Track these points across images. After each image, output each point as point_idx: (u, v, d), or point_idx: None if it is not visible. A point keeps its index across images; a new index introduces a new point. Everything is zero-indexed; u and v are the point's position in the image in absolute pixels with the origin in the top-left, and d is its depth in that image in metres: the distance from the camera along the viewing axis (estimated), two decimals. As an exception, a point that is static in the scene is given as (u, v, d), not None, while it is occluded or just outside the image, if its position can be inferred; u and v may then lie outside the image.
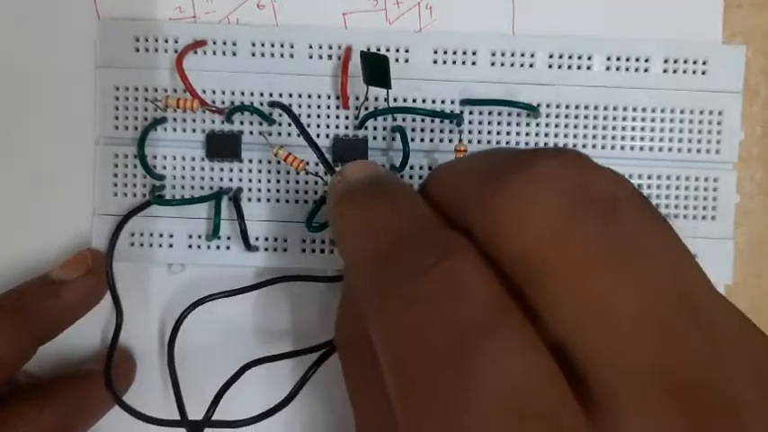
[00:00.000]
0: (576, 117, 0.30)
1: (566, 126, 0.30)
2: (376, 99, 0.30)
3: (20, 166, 0.31)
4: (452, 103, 0.30)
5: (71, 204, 0.31)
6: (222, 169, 0.30)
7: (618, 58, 0.30)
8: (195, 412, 0.29)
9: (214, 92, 0.30)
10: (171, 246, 0.30)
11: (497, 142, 0.30)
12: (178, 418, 0.29)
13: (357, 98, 0.30)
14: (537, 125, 0.30)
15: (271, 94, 0.30)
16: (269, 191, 0.30)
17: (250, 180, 0.30)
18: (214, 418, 0.29)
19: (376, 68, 0.27)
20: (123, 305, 0.30)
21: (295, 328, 0.31)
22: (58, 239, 0.31)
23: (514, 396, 0.14)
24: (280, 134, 0.30)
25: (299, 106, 0.30)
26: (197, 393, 0.29)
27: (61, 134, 0.31)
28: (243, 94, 0.30)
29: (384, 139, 0.30)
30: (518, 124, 0.30)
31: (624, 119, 0.30)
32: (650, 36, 0.31)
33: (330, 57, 0.30)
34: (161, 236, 0.30)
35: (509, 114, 0.30)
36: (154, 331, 0.31)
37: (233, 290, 0.30)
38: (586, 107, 0.30)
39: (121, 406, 0.29)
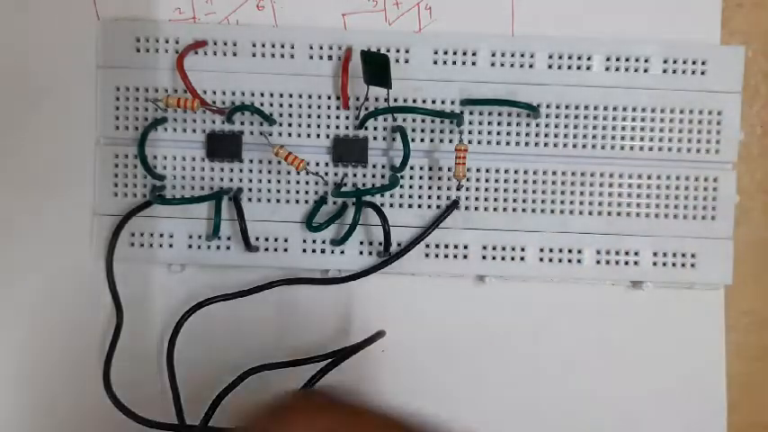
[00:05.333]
0: (576, 117, 0.30)
1: (565, 126, 0.30)
2: (376, 99, 0.30)
3: (20, 165, 0.31)
4: (452, 103, 0.30)
5: (71, 204, 0.31)
6: (222, 169, 0.30)
7: (617, 59, 0.30)
8: (194, 414, 0.29)
9: (215, 92, 0.30)
10: (171, 246, 0.30)
11: (497, 142, 0.30)
12: (176, 421, 0.29)
13: (357, 98, 0.30)
14: (537, 125, 0.30)
15: (271, 94, 0.30)
16: (269, 191, 0.30)
17: (250, 180, 0.30)
18: (210, 424, 0.28)
19: (376, 68, 0.27)
20: (123, 305, 0.30)
21: (294, 330, 0.31)
22: (58, 239, 0.31)
23: None
24: (280, 134, 0.30)
25: (300, 106, 0.30)
26: (196, 396, 0.29)
27: (61, 134, 0.31)
28: (243, 94, 0.30)
29: (384, 139, 0.30)
30: (518, 124, 0.30)
31: (624, 119, 0.30)
32: (650, 36, 0.31)
33: (330, 57, 0.30)
34: (161, 236, 0.30)
35: (509, 114, 0.30)
36: (154, 331, 0.31)
37: (232, 293, 0.30)
38: (586, 107, 0.30)
39: (119, 408, 0.29)
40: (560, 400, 0.31)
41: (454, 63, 0.30)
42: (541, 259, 0.30)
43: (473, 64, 0.30)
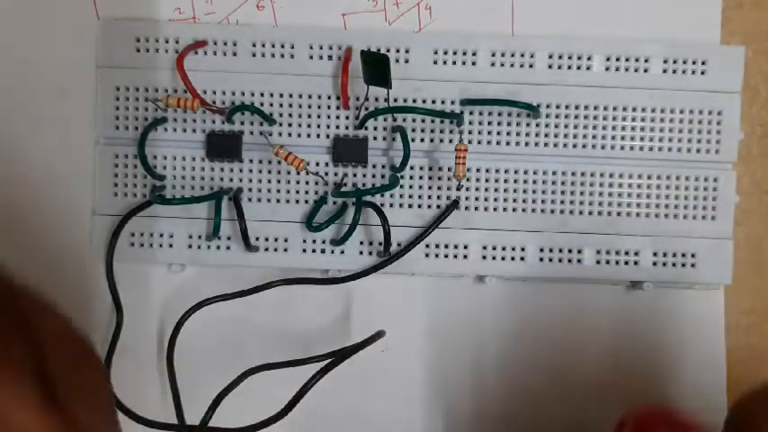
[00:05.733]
0: (576, 117, 0.30)
1: (566, 126, 0.30)
2: (376, 99, 0.30)
3: (20, 165, 0.31)
4: (452, 103, 0.30)
5: (71, 204, 0.31)
6: (222, 169, 0.30)
7: (617, 59, 0.30)
8: (194, 414, 0.29)
9: (215, 92, 0.30)
10: (171, 246, 0.30)
11: (497, 143, 0.30)
12: (176, 421, 0.29)
13: (357, 98, 0.30)
14: (537, 125, 0.30)
15: (271, 94, 0.30)
16: (269, 191, 0.30)
17: (250, 180, 0.30)
18: (211, 424, 0.28)
19: (376, 68, 0.27)
20: (123, 305, 0.30)
21: (294, 330, 0.31)
22: (58, 239, 0.31)
23: None
24: (280, 134, 0.30)
25: (300, 106, 0.30)
26: (196, 396, 0.29)
27: (61, 134, 0.31)
28: (243, 94, 0.30)
29: (384, 139, 0.30)
30: (518, 124, 0.30)
31: (624, 119, 0.30)
32: (650, 36, 0.31)
33: (330, 57, 0.30)
34: (161, 236, 0.30)
35: (509, 114, 0.30)
36: (154, 331, 0.31)
37: (232, 293, 0.30)
38: (586, 107, 0.30)
39: (119, 408, 0.29)
40: (560, 399, 0.31)
41: (454, 63, 0.30)
42: (541, 259, 0.30)
43: (473, 64, 0.30)
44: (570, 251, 0.30)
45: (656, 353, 0.31)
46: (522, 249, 0.30)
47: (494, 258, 0.30)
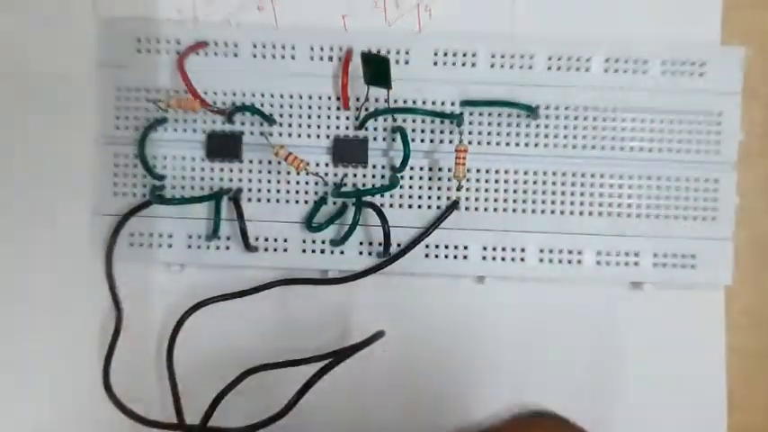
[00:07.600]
0: (576, 118, 0.30)
1: (565, 127, 0.30)
2: (376, 100, 0.30)
3: (20, 165, 0.31)
4: (452, 103, 0.30)
5: (71, 204, 0.31)
6: (222, 169, 0.30)
7: (617, 60, 0.30)
8: (194, 414, 0.29)
9: (215, 92, 0.30)
10: (171, 246, 0.30)
11: (497, 143, 0.30)
12: (176, 421, 0.29)
13: (357, 99, 0.30)
14: (537, 126, 0.30)
15: (272, 95, 0.30)
16: (269, 191, 0.30)
17: (250, 180, 0.30)
18: (211, 424, 0.28)
19: (377, 69, 0.27)
20: (123, 305, 0.30)
21: (294, 330, 0.31)
22: (58, 239, 0.31)
23: None
24: (281, 134, 0.30)
25: (300, 107, 0.30)
26: (196, 396, 0.29)
27: (61, 134, 0.31)
28: (244, 94, 0.30)
29: (384, 139, 0.30)
30: (518, 125, 0.30)
31: (623, 120, 0.30)
32: (649, 37, 0.31)
33: (330, 58, 0.30)
34: (161, 236, 0.30)
35: (509, 115, 0.30)
36: (154, 332, 0.31)
37: (231, 293, 0.30)
38: (586, 108, 0.30)
39: (119, 408, 0.29)
40: (561, 400, 0.31)
41: (454, 64, 0.30)
42: (541, 260, 0.30)
43: (473, 65, 0.30)
44: (570, 251, 0.30)
45: (657, 353, 0.31)
46: (522, 250, 0.30)
47: (494, 258, 0.30)
